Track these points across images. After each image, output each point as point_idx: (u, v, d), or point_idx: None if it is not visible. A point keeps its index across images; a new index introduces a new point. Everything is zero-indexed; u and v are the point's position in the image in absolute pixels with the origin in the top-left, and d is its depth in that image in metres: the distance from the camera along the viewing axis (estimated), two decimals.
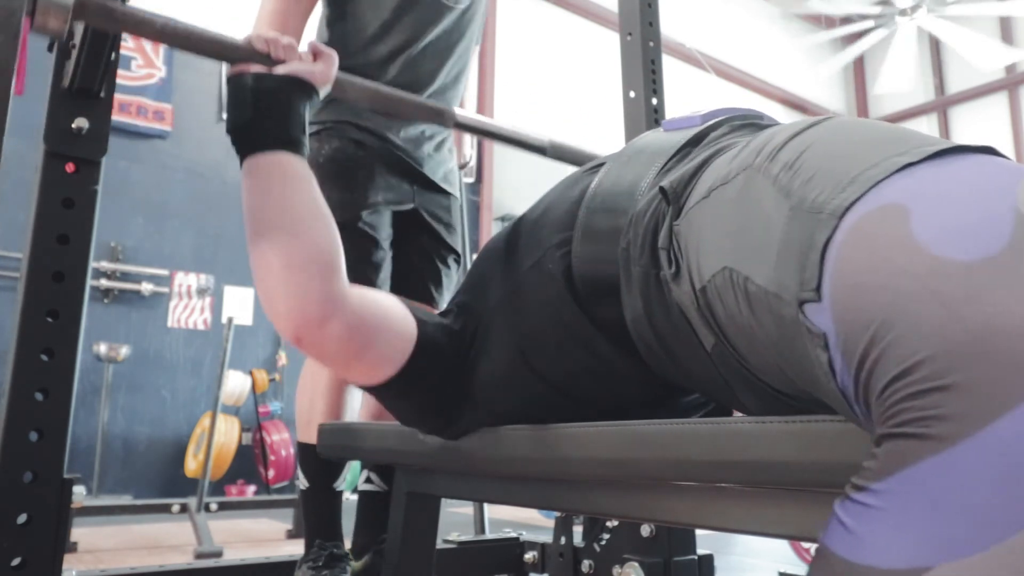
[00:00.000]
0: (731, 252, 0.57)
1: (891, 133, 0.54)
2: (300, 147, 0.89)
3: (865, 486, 0.41)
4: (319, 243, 0.82)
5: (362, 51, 1.53)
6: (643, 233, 0.70)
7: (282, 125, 0.88)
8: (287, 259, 0.79)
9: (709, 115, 0.81)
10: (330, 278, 0.80)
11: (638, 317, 0.71)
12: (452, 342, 0.86)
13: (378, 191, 1.49)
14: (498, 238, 0.94)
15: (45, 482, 0.99)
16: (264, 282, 0.81)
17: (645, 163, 0.78)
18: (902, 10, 6.20)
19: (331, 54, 1.01)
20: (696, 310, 0.62)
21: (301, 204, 0.85)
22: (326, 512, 1.46)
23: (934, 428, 0.38)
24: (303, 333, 0.78)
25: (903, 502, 0.39)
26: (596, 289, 0.77)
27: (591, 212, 0.79)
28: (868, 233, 0.46)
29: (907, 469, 0.39)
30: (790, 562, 2.23)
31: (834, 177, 0.50)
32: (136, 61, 4.92)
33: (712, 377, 0.67)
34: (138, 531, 3.45)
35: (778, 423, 0.57)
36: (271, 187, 0.85)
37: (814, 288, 0.47)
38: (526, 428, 0.82)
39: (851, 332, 0.44)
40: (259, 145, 0.86)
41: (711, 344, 0.63)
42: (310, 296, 0.78)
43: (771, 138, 0.60)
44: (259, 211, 0.84)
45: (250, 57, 0.95)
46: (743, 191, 0.58)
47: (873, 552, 0.40)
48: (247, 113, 0.88)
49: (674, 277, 0.65)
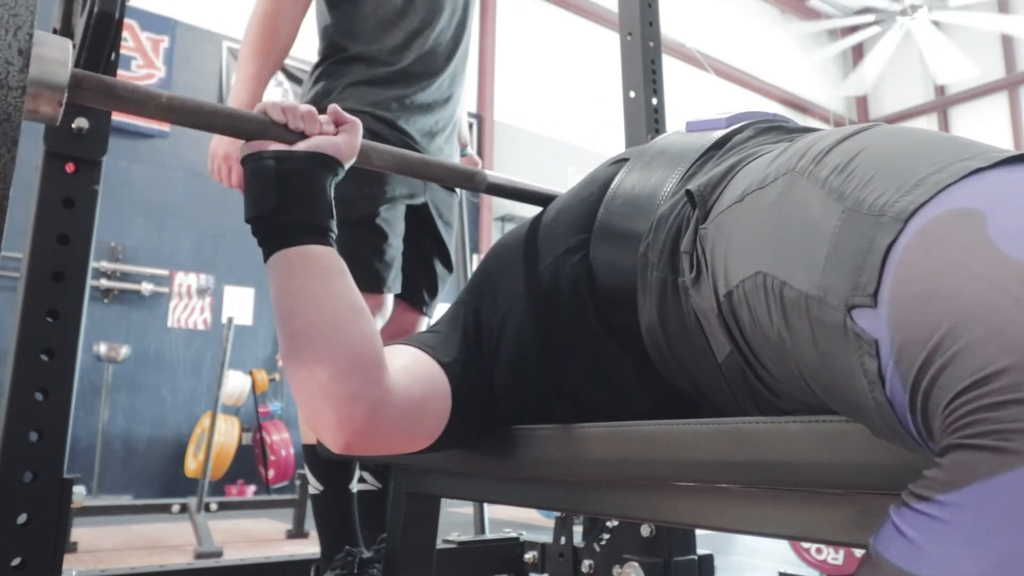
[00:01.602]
0: (766, 257, 0.55)
1: (949, 139, 0.53)
2: (329, 236, 0.80)
3: (929, 496, 0.40)
4: (365, 347, 0.74)
5: (375, 38, 1.50)
6: (664, 238, 0.69)
7: (311, 214, 0.79)
8: (333, 369, 0.72)
9: (734, 118, 0.80)
10: (378, 382, 0.73)
11: (652, 324, 0.70)
12: (478, 369, 0.82)
13: (395, 185, 1.45)
14: (509, 237, 0.92)
15: (45, 482, 0.99)
16: (309, 394, 0.73)
17: (668, 165, 0.77)
18: (902, 10, 6.20)
19: (355, 123, 0.89)
20: (717, 316, 0.61)
21: (339, 302, 0.77)
22: (345, 516, 1.42)
23: (1015, 442, 0.37)
24: (355, 441, 0.73)
25: (974, 516, 0.37)
26: (613, 295, 0.75)
27: (611, 214, 0.77)
28: (939, 237, 0.44)
29: (980, 483, 0.37)
30: (790, 562, 2.23)
31: (896, 180, 0.48)
32: (136, 61, 4.92)
33: (719, 387, 0.66)
34: (138, 531, 3.45)
35: (778, 423, 0.57)
36: (305, 287, 0.76)
37: (871, 293, 0.46)
38: (526, 428, 0.82)
39: (911, 339, 0.42)
40: (288, 240, 0.78)
41: (725, 354, 0.62)
42: (361, 405, 0.72)
43: (815, 142, 0.58)
44: (295, 316, 0.76)
45: (266, 131, 0.83)
46: (784, 195, 0.56)
47: (937, 565, 0.38)
48: (271, 202, 0.78)
49: (694, 282, 0.64)
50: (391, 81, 1.50)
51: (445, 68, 1.57)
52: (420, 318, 1.62)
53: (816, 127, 0.73)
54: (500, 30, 6.89)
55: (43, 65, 0.69)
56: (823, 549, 2.11)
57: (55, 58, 0.70)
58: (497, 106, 6.73)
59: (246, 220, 0.80)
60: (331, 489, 1.43)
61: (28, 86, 0.64)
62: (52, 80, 0.70)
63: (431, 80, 1.54)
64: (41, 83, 0.70)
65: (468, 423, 0.80)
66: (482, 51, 6.73)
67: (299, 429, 1.52)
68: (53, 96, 0.71)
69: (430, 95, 1.54)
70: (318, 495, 1.44)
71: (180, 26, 5.12)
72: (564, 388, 0.81)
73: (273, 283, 0.78)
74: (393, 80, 1.50)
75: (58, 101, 0.72)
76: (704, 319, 0.63)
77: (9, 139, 0.61)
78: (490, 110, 6.68)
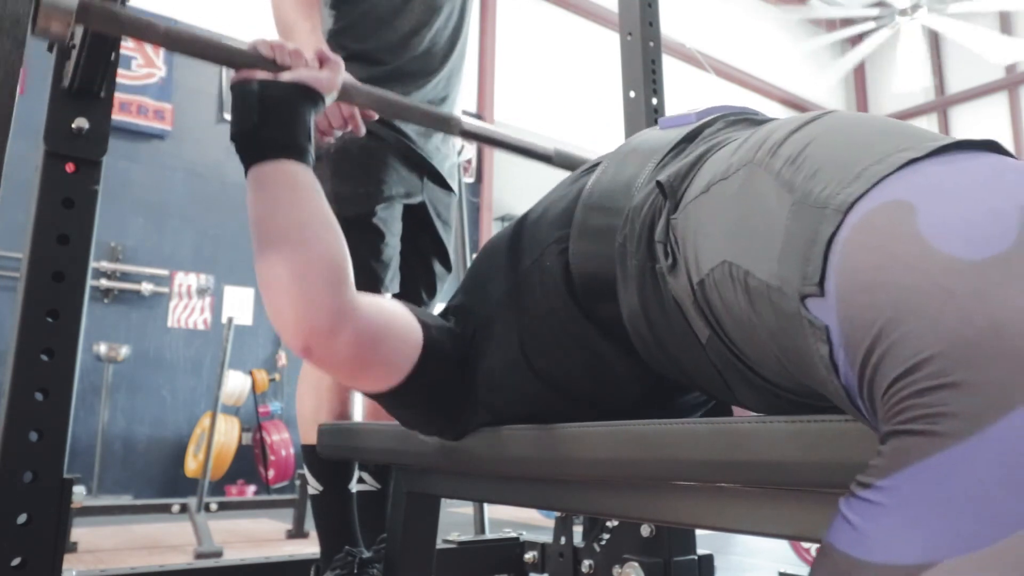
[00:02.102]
0: (731, 246, 0.57)
1: (893, 127, 0.55)
2: (306, 155, 0.87)
3: (870, 483, 0.41)
4: (328, 253, 0.81)
5: (373, 35, 1.50)
6: (639, 228, 0.70)
7: (288, 133, 0.86)
8: (296, 270, 0.78)
9: (704, 112, 0.82)
10: (340, 289, 0.79)
11: (634, 312, 0.71)
12: (455, 345, 0.86)
13: (392, 184, 1.45)
14: (498, 237, 0.94)
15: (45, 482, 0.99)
16: (272, 293, 0.79)
17: (641, 160, 0.78)
18: (902, 10, 6.20)
19: (337, 60, 0.98)
20: (692, 303, 0.63)
21: (309, 213, 0.83)
22: (344, 516, 1.42)
23: (941, 425, 0.38)
24: (312, 344, 0.77)
25: (909, 498, 0.39)
26: (594, 286, 0.77)
27: (588, 209, 0.79)
28: (874, 229, 0.46)
29: (913, 466, 0.39)
30: (790, 562, 2.23)
31: (838, 172, 0.51)
32: (136, 61, 4.92)
33: (708, 372, 0.67)
34: (138, 531, 3.45)
35: (778, 423, 0.57)
36: (278, 197, 0.83)
37: (817, 283, 0.48)
38: (526, 428, 0.82)
39: (855, 328, 0.44)
40: (265, 154, 0.84)
41: (706, 337, 0.63)
42: (320, 307, 0.77)
43: (771, 133, 0.60)
44: (266, 221, 0.82)
45: (255, 63, 0.92)
46: (744, 186, 0.58)
47: (879, 548, 0.40)
48: (252, 120, 0.85)
49: (671, 270, 0.65)
50: (388, 80, 1.50)
51: (442, 68, 1.57)
52: None
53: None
54: (500, 30, 6.89)
55: None
56: None
57: None
58: (497, 106, 6.73)
59: (231, 138, 0.87)
60: (331, 489, 1.43)
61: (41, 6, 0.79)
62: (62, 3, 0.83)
63: (427, 79, 1.55)
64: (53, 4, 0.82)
65: (433, 382, 0.84)
66: (482, 51, 6.73)
67: (299, 429, 1.52)
68: (62, 17, 0.82)
69: (426, 95, 1.54)
70: (318, 495, 1.44)
71: (180, 26, 5.12)
72: (553, 380, 0.82)
73: (249, 195, 0.84)
74: (390, 79, 1.50)
75: (67, 22, 0.83)
76: (683, 305, 0.65)
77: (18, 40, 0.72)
78: (490, 110, 6.68)
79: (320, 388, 1.45)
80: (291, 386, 5.02)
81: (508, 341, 0.83)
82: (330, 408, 1.43)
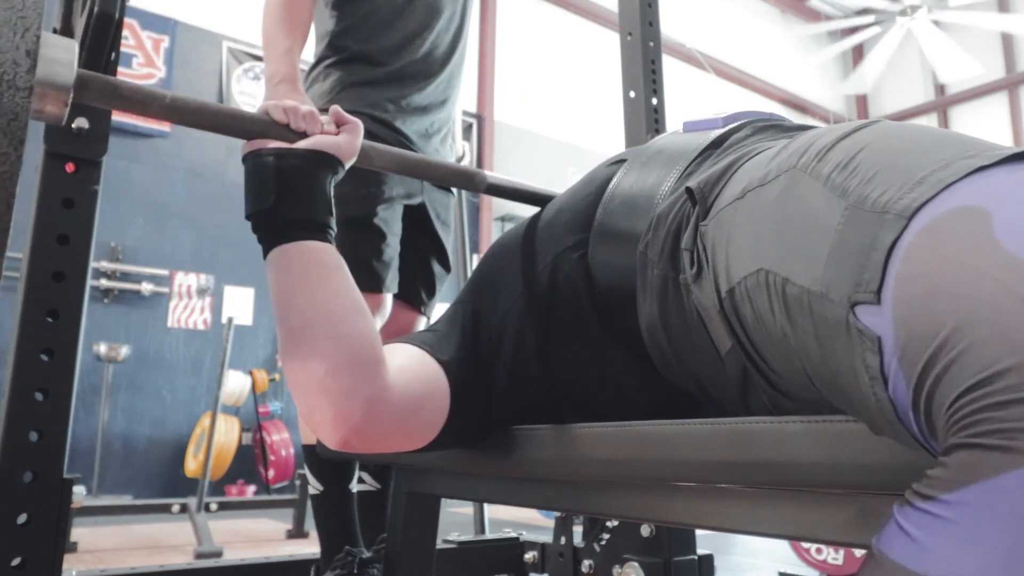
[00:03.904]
0: (768, 253, 0.55)
1: (951, 136, 0.53)
2: (329, 233, 0.81)
3: (933, 495, 0.39)
4: (363, 343, 0.74)
5: (375, 36, 1.50)
6: (664, 235, 0.69)
7: (311, 210, 0.80)
8: (330, 364, 0.72)
9: (730, 118, 0.80)
10: (376, 379, 0.73)
11: (653, 323, 0.70)
12: (477, 368, 0.82)
13: (393, 185, 1.46)
14: (509, 237, 0.91)
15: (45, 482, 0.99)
16: (306, 389, 0.74)
17: (666, 165, 0.77)
18: (902, 10, 6.20)
19: (356, 123, 0.91)
20: (719, 312, 0.61)
21: (338, 298, 0.77)
22: (345, 516, 1.42)
23: (1019, 441, 0.36)
24: (352, 437, 0.73)
25: (979, 515, 0.37)
26: (612, 294, 0.75)
27: (609, 213, 0.77)
28: (944, 235, 0.44)
29: (985, 481, 0.37)
30: (790, 562, 2.23)
31: (900, 177, 0.48)
32: (137, 59, 4.92)
33: (723, 384, 0.66)
34: (138, 531, 3.45)
35: (778, 423, 0.57)
36: (304, 282, 0.77)
37: (874, 290, 0.45)
38: (526, 428, 0.82)
39: (915, 336, 0.42)
40: (287, 235, 0.78)
41: (727, 348, 0.62)
42: (358, 402, 0.71)
43: (816, 139, 0.58)
44: (292, 310, 0.76)
45: (267, 131, 0.85)
46: (786, 192, 0.56)
47: (941, 563, 0.38)
48: (270, 198, 0.78)
49: (695, 279, 0.64)
50: (388, 82, 1.50)
51: (442, 71, 1.58)
52: (418, 317, 1.62)
53: (815, 126, 0.73)
54: (500, 30, 6.89)
55: (50, 66, 0.70)
56: (823, 549, 2.11)
57: (61, 59, 0.71)
58: (497, 106, 6.73)
59: (246, 216, 0.80)
60: (331, 489, 1.43)
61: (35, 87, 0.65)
62: (58, 80, 0.71)
63: (428, 82, 1.55)
64: (48, 83, 0.70)
65: (467, 421, 0.80)
66: (482, 51, 6.73)
67: (299, 429, 1.52)
68: (59, 96, 0.72)
69: (426, 97, 1.55)
70: (318, 495, 1.44)
71: (180, 26, 5.12)
72: (564, 387, 0.81)
73: (272, 279, 0.79)
74: (390, 81, 1.50)
75: (64, 101, 0.72)
76: (706, 315, 0.63)
77: (16, 139, 0.61)
78: (490, 110, 6.68)
79: None
80: None
81: (521, 347, 0.82)
82: None
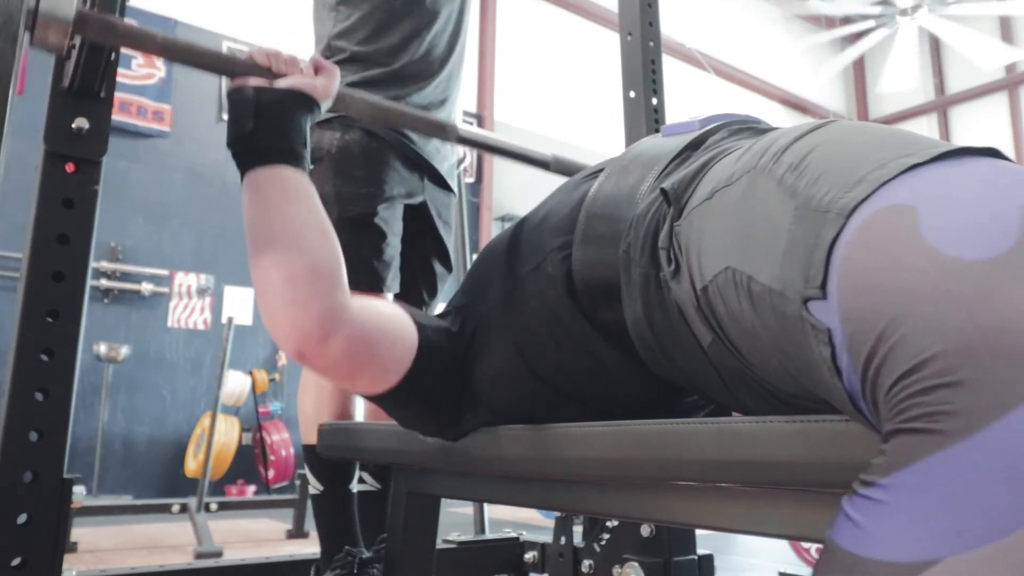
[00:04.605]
0: (734, 252, 0.58)
1: (896, 135, 0.55)
2: (302, 161, 0.88)
3: (873, 481, 0.42)
4: (321, 257, 0.81)
5: (374, 37, 1.51)
6: (643, 235, 0.71)
7: (283, 138, 0.87)
8: (289, 274, 0.78)
9: (707, 120, 0.82)
10: (333, 293, 0.79)
11: (638, 319, 0.72)
12: (452, 345, 0.87)
13: (393, 184, 1.46)
14: (499, 240, 0.94)
15: (45, 482, 0.99)
16: (266, 297, 0.79)
17: (644, 167, 0.79)
18: (903, 10, 6.20)
19: (333, 69, 1.00)
20: (696, 309, 0.63)
21: (303, 219, 0.84)
22: (345, 516, 1.42)
23: (943, 423, 0.39)
24: (306, 348, 0.77)
25: (911, 496, 0.39)
26: (597, 293, 0.77)
27: (591, 216, 0.79)
28: (876, 232, 0.47)
29: (915, 464, 0.39)
30: (790, 562, 2.23)
31: (841, 177, 0.51)
32: (136, 60, 4.92)
33: (710, 377, 0.67)
34: (138, 531, 3.45)
35: (778, 423, 0.57)
36: (273, 201, 0.84)
37: (819, 285, 0.48)
38: (526, 428, 0.82)
39: (858, 329, 0.45)
40: (260, 159, 0.85)
41: (708, 342, 0.64)
42: (312, 312, 0.77)
43: (775, 140, 0.60)
44: (260, 226, 0.83)
45: (251, 71, 0.94)
46: (747, 192, 0.59)
47: (881, 546, 0.40)
48: (248, 126, 0.86)
49: (673, 276, 0.65)
50: (388, 82, 1.51)
51: (441, 70, 1.58)
52: None
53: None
54: (500, 30, 6.88)
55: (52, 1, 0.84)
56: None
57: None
58: (497, 106, 6.72)
59: (228, 145, 0.88)
60: (331, 489, 1.43)
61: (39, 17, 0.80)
62: (60, 14, 0.85)
63: (427, 82, 1.55)
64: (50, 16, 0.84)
65: (427, 386, 0.84)
66: (482, 51, 6.73)
67: (299, 429, 1.52)
68: (60, 28, 0.85)
69: (426, 97, 1.55)
70: (318, 495, 1.44)
71: (180, 26, 5.12)
72: (555, 384, 0.82)
73: (245, 200, 0.85)
74: (390, 81, 1.51)
75: (64, 32, 0.84)
76: (685, 311, 0.65)
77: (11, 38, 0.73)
78: (490, 110, 6.68)
79: (321, 388, 1.45)
80: (291, 386, 5.02)
81: (507, 343, 0.84)
82: (331, 408, 1.43)
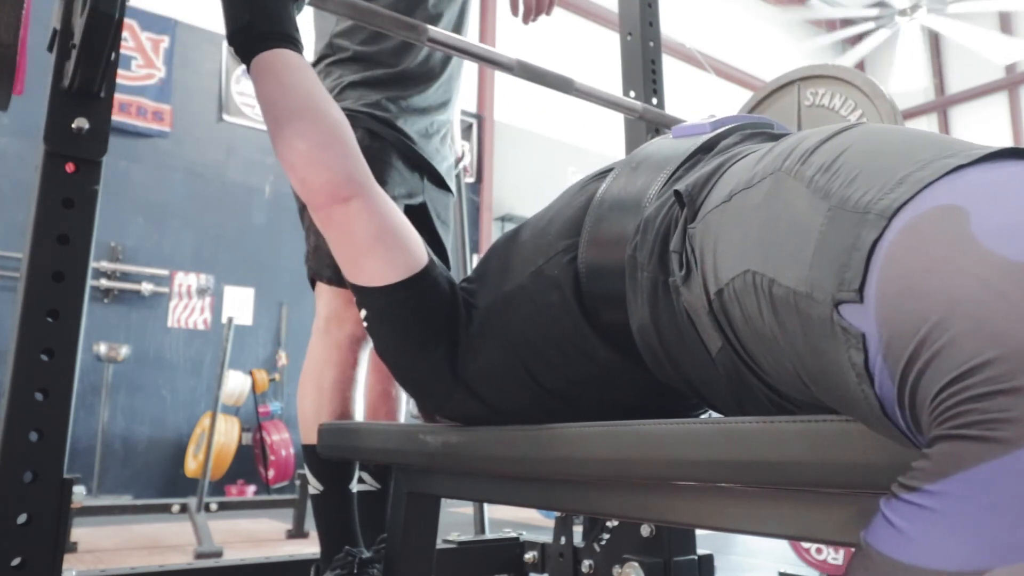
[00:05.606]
0: (755, 255, 0.56)
1: (930, 137, 0.54)
2: (299, 45, 0.96)
3: (917, 486, 0.40)
4: (341, 126, 0.91)
5: (374, 40, 1.51)
6: (653, 238, 0.69)
7: (279, 24, 0.95)
8: (315, 140, 0.88)
9: (719, 123, 0.80)
10: (354, 158, 0.89)
11: (645, 326, 0.71)
12: (452, 298, 0.89)
13: (394, 185, 1.46)
14: (505, 239, 0.93)
15: (45, 482, 0.99)
16: (294, 164, 0.88)
17: (653, 170, 0.77)
18: (901, 10, 6.20)
19: None
20: (708, 314, 0.62)
21: (316, 92, 0.93)
22: (345, 516, 1.42)
23: (1000, 431, 0.37)
24: (332, 204, 0.87)
25: (960, 504, 0.38)
26: (601, 296, 0.76)
27: (598, 218, 0.78)
28: (923, 233, 0.45)
29: (966, 471, 0.38)
30: (790, 562, 2.23)
31: (880, 178, 0.49)
32: (136, 61, 4.91)
33: (715, 384, 0.67)
34: (138, 531, 3.45)
35: (778, 423, 0.57)
36: (285, 78, 0.92)
37: (856, 288, 0.46)
38: (526, 428, 0.82)
39: (898, 333, 0.43)
40: (265, 44, 0.93)
41: (716, 348, 0.63)
42: (338, 172, 0.87)
43: (799, 143, 0.59)
44: (279, 103, 0.91)
45: None
46: (771, 194, 0.57)
47: (925, 552, 0.39)
48: (245, 17, 0.94)
49: (684, 281, 0.64)
50: (389, 83, 1.51)
51: (442, 73, 1.58)
52: None
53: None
54: (500, 30, 6.88)
55: None
56: (823, 549, 2.11)
57: None
58: (497, 106, 6.72)
59: (227, 38, 0.96)
60: (331, 489, 1.43)
61: None
62: None
63: (428, 84, 1.56)
64: None
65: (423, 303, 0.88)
66: None
67: (299, 429, 1.51)
68: None
69: (427, 99, 1.55)
70: (318, 495, 1.44)
71: (180, 26, 5.12)
72: (554, 387, 0.81)
73: (257, 85, 0.93)
74: (391, 82, 1.51)
75: None
76: (695, 316, 0.64)
77: None
78: (490, 110, 6.68)
79: (321, 388, 1.45)
80: (291, 386, 5.02)
81: (506, 344, 0.83)
82: (331, 408, 1.43)
